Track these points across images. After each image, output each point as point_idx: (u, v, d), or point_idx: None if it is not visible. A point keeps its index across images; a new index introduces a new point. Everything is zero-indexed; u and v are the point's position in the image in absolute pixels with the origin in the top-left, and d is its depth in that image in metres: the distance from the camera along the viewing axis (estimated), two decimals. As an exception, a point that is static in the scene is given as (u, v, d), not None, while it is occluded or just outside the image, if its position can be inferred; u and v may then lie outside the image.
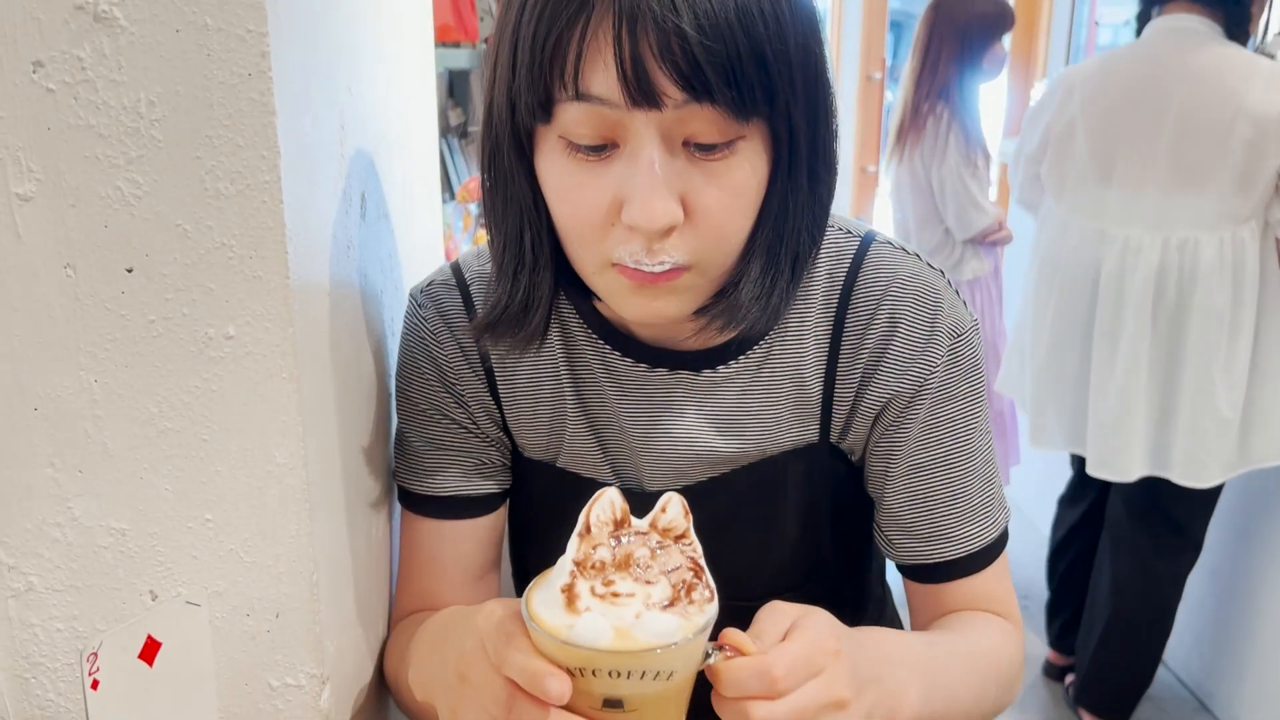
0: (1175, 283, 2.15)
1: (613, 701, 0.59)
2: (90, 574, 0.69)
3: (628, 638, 0.57)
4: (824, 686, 0.64)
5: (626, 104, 0.67)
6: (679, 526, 0.62)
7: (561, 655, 0.58)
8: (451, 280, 0.91)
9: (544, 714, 0.60)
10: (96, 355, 0.65)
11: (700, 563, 0.61)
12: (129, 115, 0.62)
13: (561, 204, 0.74)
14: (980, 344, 0.88)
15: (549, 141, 0.73)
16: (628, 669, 0.57)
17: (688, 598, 0.59)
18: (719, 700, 0.64)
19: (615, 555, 0.60)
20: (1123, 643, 2.49)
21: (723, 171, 0.71)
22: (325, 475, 0.75)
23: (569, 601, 0.58)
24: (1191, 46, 2.11)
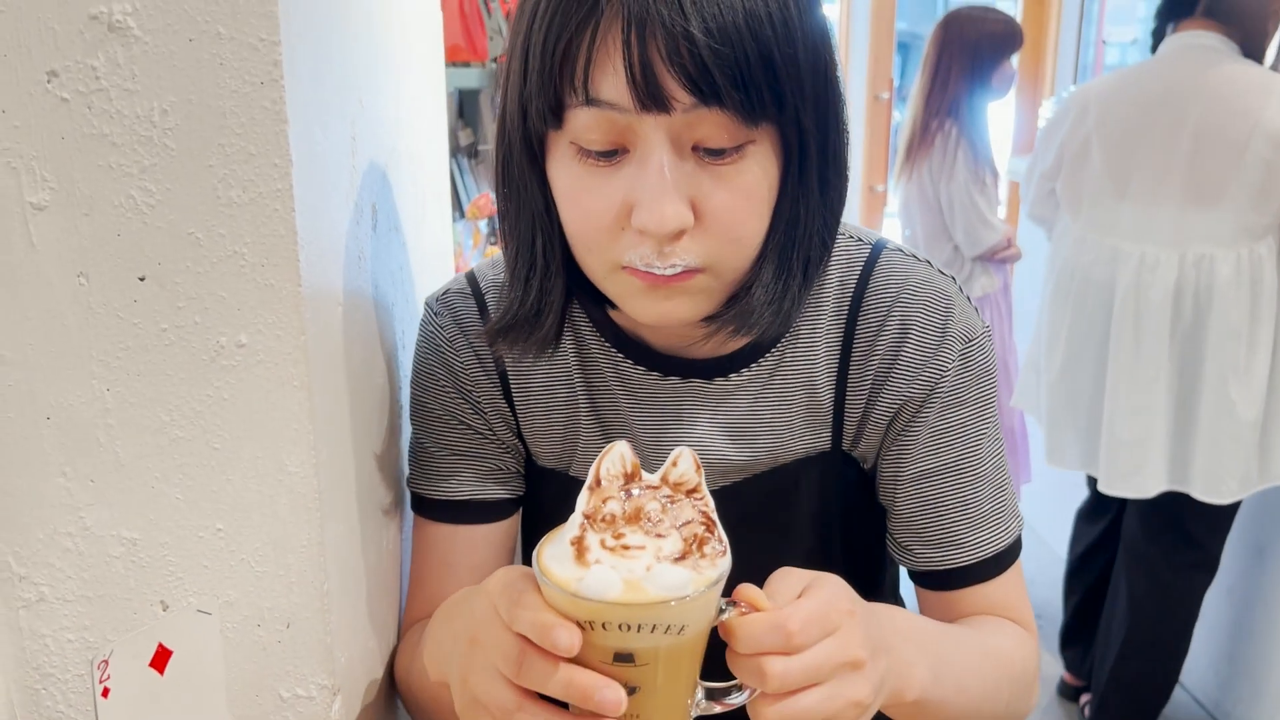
0: (1192, 299, 2.14)
1: (623, 656, 0.58)
2: (101, 584, 0.68)
3: (638, 590, 0.56)
4: (839, 645, 0.63)
5: (636, 108, 0.67)
6: (690, 481, 0.61)
7: (571, 608, 0.57)
8: (467, 289, 0.92)
9: (554, 668, 0.59)
10: (109, 364, 0.65)
11: (713, 517, 0.60)
12: (142, 124, 0.62)
13: (572, 208, 0.74)
14: (993, 351, 0.88)
15: (560, 147, 0.73)
16: (638, 622, 0.56)
17: (699, 551, 0.58)
18: (733, 657, 0.62)
19: (625, 509, 0.59)
20: (1139, 662, 2.46)
21: (732, 175, 0.71)
22: (336, 484, 0.75)
23: (578, 554, 0.57)
24: (1208, 63, 2.11)
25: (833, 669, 0.63)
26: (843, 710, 0.63)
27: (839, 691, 0.63)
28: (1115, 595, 2.51)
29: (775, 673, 0.61)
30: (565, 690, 0.59)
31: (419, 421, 0.92)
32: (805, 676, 0.62)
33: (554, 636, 0.57)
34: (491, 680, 0.62)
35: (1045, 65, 4.23)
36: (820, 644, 0.62)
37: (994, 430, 0.89)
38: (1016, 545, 0.90)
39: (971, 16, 3.03)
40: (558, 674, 0.59)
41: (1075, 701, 2.76)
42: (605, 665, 0.58)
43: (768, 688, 0.61)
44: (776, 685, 0.61)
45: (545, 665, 0.59)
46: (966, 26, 3.01)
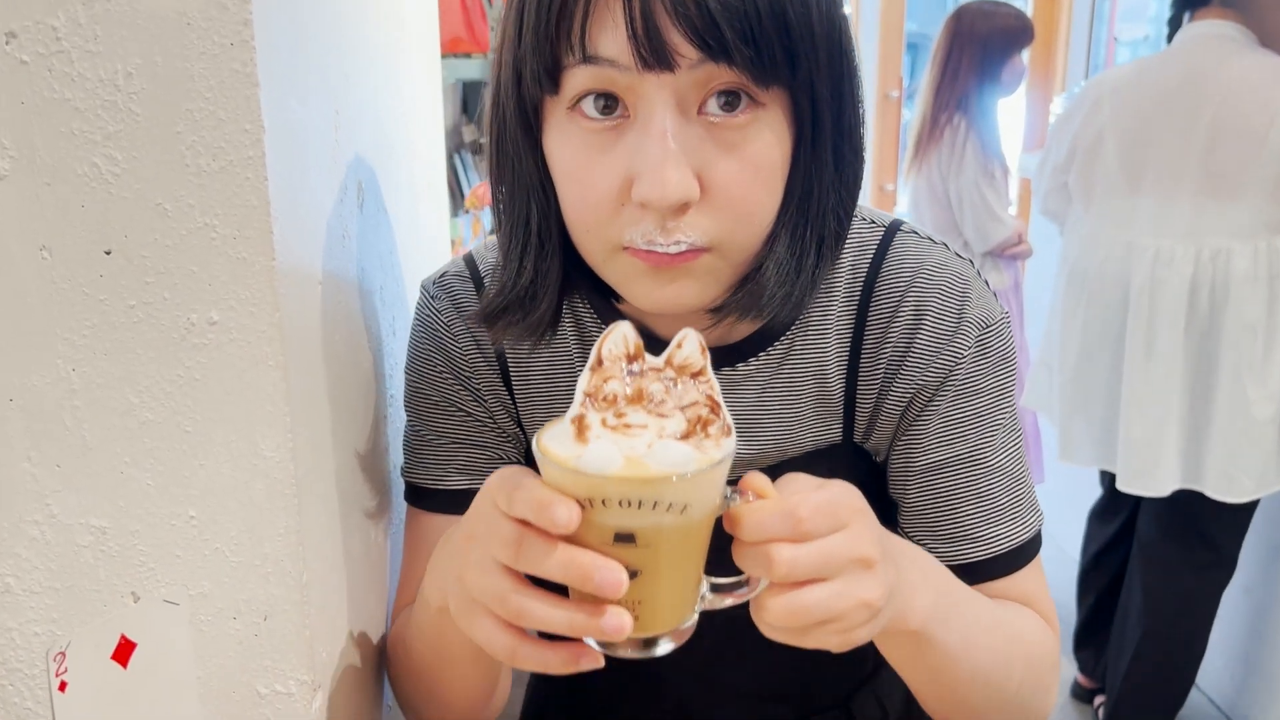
0: (1208, 294, 2.11)
1: (624, 536, 0.55)
2: (69, 574, 0.65)
3: (639, 465, 0.54)
4: (851, 539, 0.60)
5: (637, 65, 0.63)
6: (695, 363, 0.58)
7: (571, 485, 0.55)
8: (465, 272, 0.88)
9: (553, 548, 0.56)
10: (74, 343, 0.62)
11: (718, 399, 0.58)
12: (106, 88, 0.59)
13: (570, 183, 0.70)
14: (1011, 338, 0.84)
15: (557, 115, 0.69)
16: (638, 498, 0.54)
17: (703, 432, 0.56)
18: (739, 548, 0.59)
19: (628, 389, 0.57)
20: (1155, 663, 2.42)
21: (741, 143, 0.67)
22: (315, 469, 0.72)
23: (579, 432, 0.55)
24: (1226, 54, 2.08)
25: (843, 563, 0.60)
26: (852, 610, 0.60)
27: (849, 589, 0.60)
28: (1129, 596, 2.47)
29: (783, 559, 0.58)
30: (564, 571, 0.56)
31: (415, 409, 0.89)
32: (813, 567, 0.59)
33: (552, 511, 0.54)
34: (487, 571, 0.60)
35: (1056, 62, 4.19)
36: (831, 536, 0.59)
37: (1011, 421, 0.85)
38: (1036, 541, 0.85)
39: (982, 11, 3.00)
40: (556, 554, 0.56)
41: (1089, 704, 2.72)
42: (605, 547, 0.56)
43: (774, 575, 0.58)
44: (783, 573, 0.58)
45: (543, 546, 0.56)
46: (977, 20, 2.99)
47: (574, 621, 0.57)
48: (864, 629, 0.62)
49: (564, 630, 0.58)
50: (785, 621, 0.60)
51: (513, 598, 0.59)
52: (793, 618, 0.59)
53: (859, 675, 0.99)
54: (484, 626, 0.62)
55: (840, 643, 0.62)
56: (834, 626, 0.61)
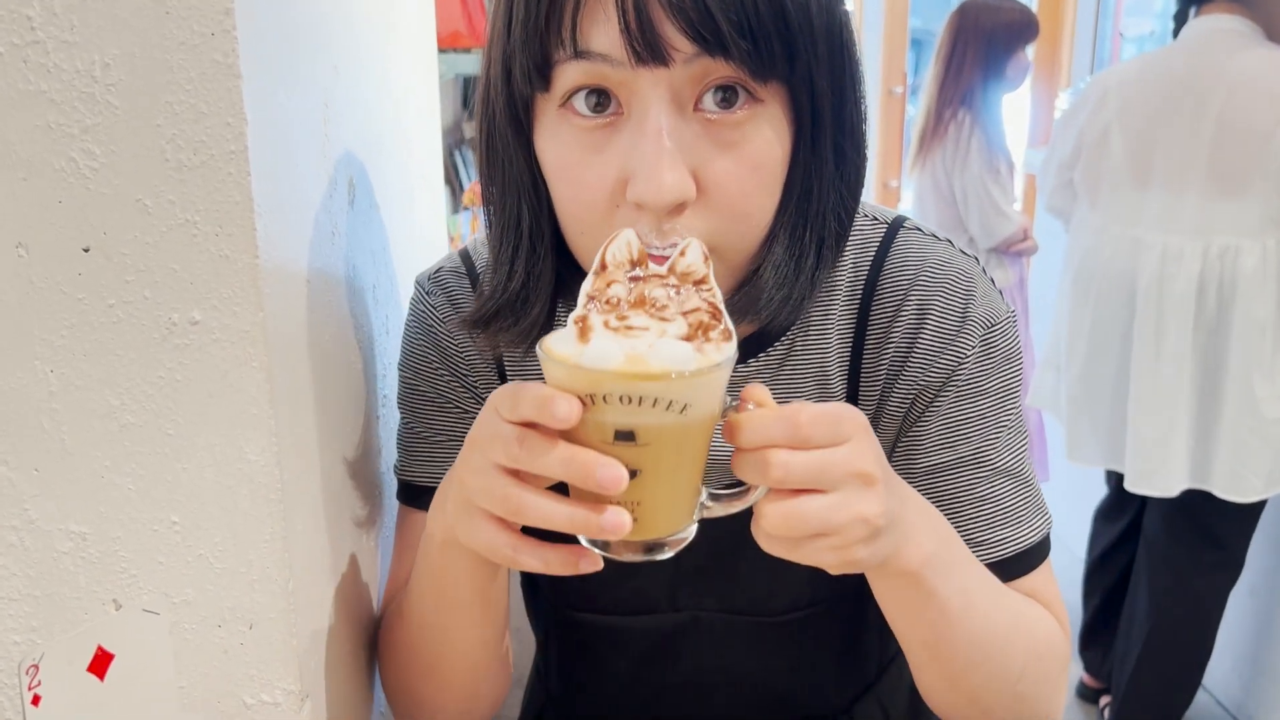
0: (1216, 291, 2.09)
1: (624, 434, 0.56)
2: (49, 581, 0.63)
3: (640, 363, 0.54)
4: (851, 454, 0.59)
5: (631, 61, 0.61)
6: (698, 271, 0.59)
7: (572, 381, 0.55)
8: (461, 268, 0.86)
9: (553, 446, 0.56)
10: (53, 343, 0.60)
11: (720, 307, 0.58)
12: (83, 79, 0.57)
13: (562, 184, 0.68)
14: (1017, 337, 0.82)
15: (548, 114, 0.67)
16: (639, 394, 0.54)
17: (704, 336, 0.56)
18: (738, 456, 0.59)
19: (631, 293, 0.57)
20: (1161, 664, 2.41)
21: (739, 141, 0.65)
22: (302, 473, 0.70)
23: (581, 333, 0.56)
24: (1232, 48, 2.06)
25: (842, 476, 0.59)
26: (850, 525, 0.59)
27: (847, 502, 0.59)
28: (1136, 596, 2.45)
29: (778, 462, 0.57)
30: (565, 467, 0.56)
31: (409, 405, 0.87)
32: (810, 473, 0.58)
33: (553, 405, 0.55)
34: (487, 473, 0.60)
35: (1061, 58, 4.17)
36: (831, 449, 0.59)
37: (1016, 422, 0.82)
38: (1045, 544, 0.83)
39: (987, 5, 2.98)
40: (557, 450, 0.56)
41: (1095, 704, 2.70)
42: (606, 445, 0.56)
43: (770, 479, 0.58)
44: (779, 476, 0.58)
45: (544, 444, 0.57)
46: (981, 15, 2.97)
47: (574, 517, 0.57)
48: (862, 548, 0.61)
49: (564, 526, 0.58)
50: (781, 529, 0.59)
51: (513, 494, 0.59)
52: (788, 525, 0.59)
53: (862, 682, 0.97)
54: (484, 529, 0.62)
55: (838, 561, 0.61)
56: (831, 541, 0.60)
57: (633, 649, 0.93)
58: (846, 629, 0.92)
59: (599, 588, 0.90)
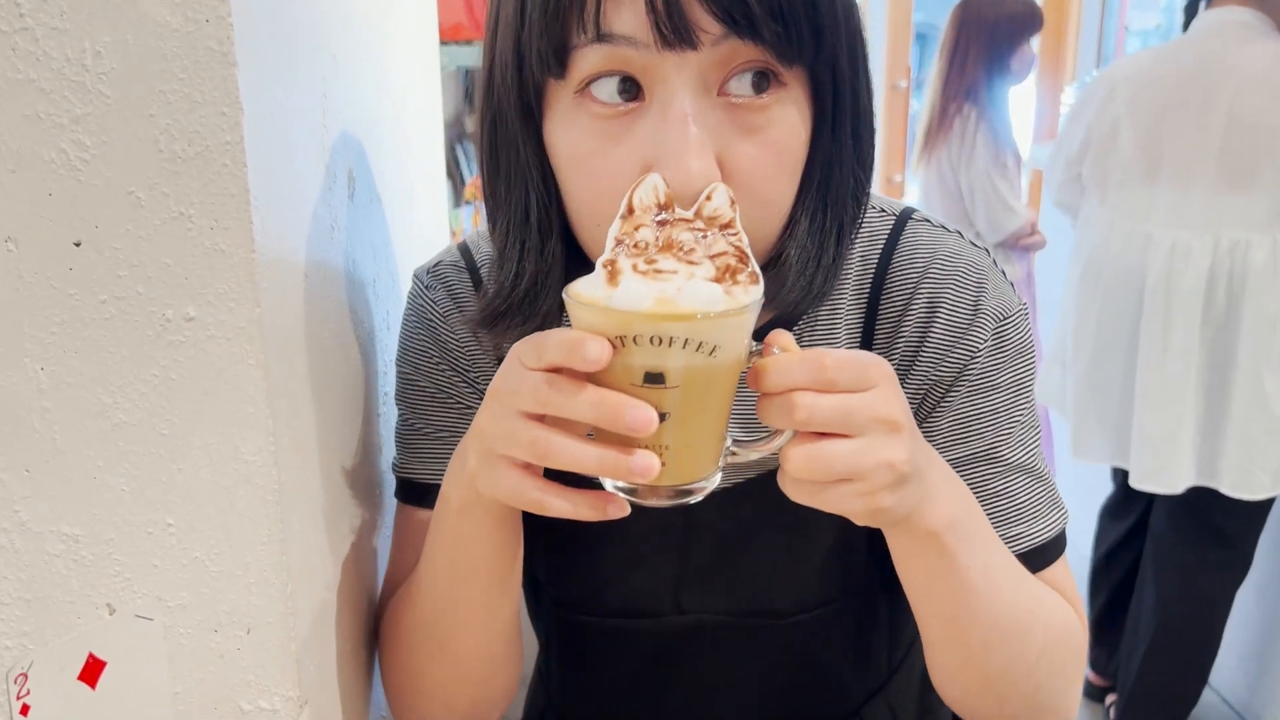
0: (1225, 286, 2.07)
1: (653, 376, 0.56)
2: (40, 585, 0.62)
3: (670, 304, 0.54)
4: (877, 399, 0.59)
5: (657, 44, 0.59)
6: (725, 215, 0.59)
7: (601, 323, 0.55)
8: (460, 262, 0.85)
9: (581, 390, 0.56)
10: (43, 340, 0.58)
11: (746, 251, 0.58)
12: (73, 68, 0.55)
13: (579, 175, 0.66)
14: (1029, 330, 0.80)
15: (562, 102, 0.65)
16: (669, 335, 0.54)
17: (732, 279, 0.56)
18: (764, 401, 0.59)
19: (658, 236, 0.57)
20: (1167, 662, 2.39)
21: (763, 126, 0.63)
22: (300, 474, 0.68)
23: (610, 276, 0.56)
24: (1243, 41, 2.04)
25: (867, 420, 0.58)
26: (876, 470, 0.59)
27: (872, 446, 0.59)
28: (1142, 594, 2.44)
29: (804, 404, 0.57)
30: (594, 411, 0.56)
31: (408, 401, 0.85)
32: (836, 416, 0.58)
33: (583, 348, 0.54)
34: (512, 419, 0.60)
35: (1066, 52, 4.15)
36: (857, 394, 0.58)
37: (1030, 416, 0.81)
38: (1060, 539, 0.82)
39: (990, -2, 2.96)
40: (585, 393, 0.56)
41: (1101, 702, 2.69)
42: (634, 388, 0.56)
43: (794, 420, 0.58)
44: (804, 418, 0.57)
45: (572, 387, 0.56)
46: (985, 8, 2.95)
47: (604, 459, 0.57)
48: (888, 494, 0.60)
49: (593, 468, 0.57)
50: (805, 472, 0.59)
51: (540, 436, 0.58)
52: (812, 468, 0.59)
53: (872, 685, 0.95)
54: (509, 477, 0.62)
55: (864, 508, 0.61)
56: (857, 486, 0.59)
57: (636, 653, 0.91)
58: (855, 631, 0.91)
59: (602, 589, 0.88)
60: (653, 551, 0.85)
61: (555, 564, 0.88)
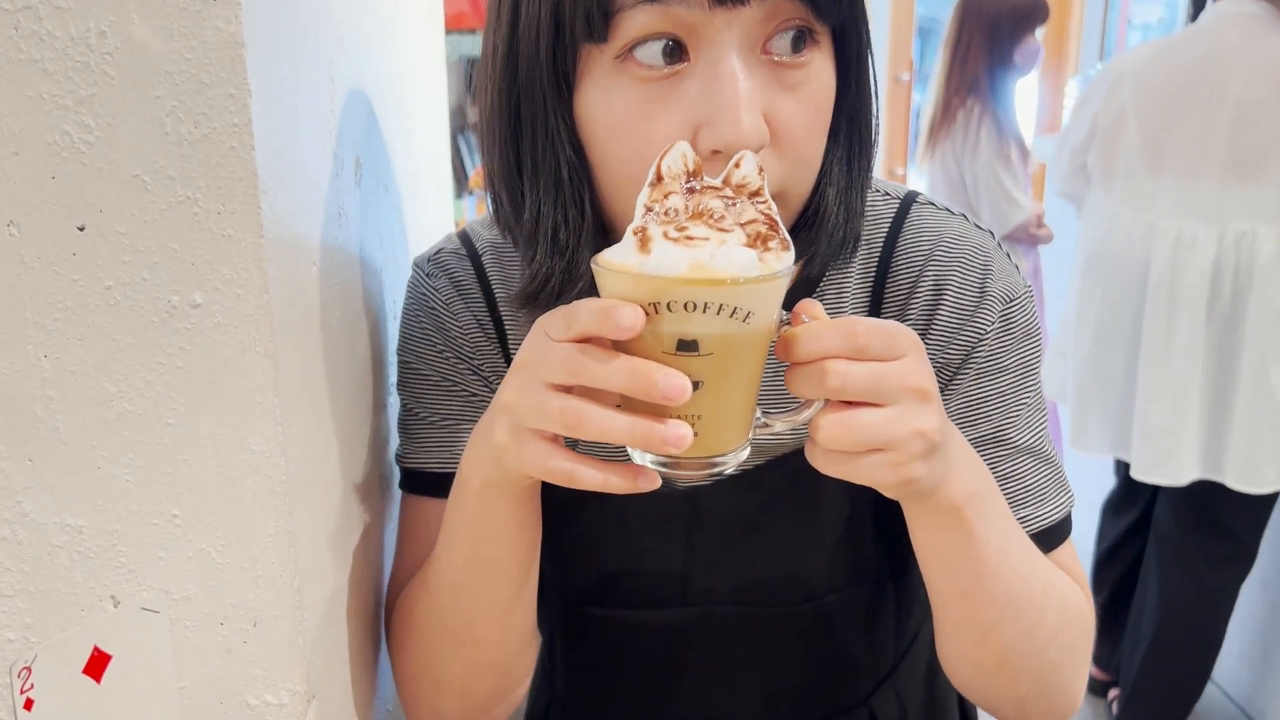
0: (1231, 278, 2.06)
1: (686, 343, 0.55)
2: (43, 577, 0.60)
3: (704, 269, 0.54)
4: (908, 367, 0.59)
5: (707, 1, 0.60)
6: (754, 183, 0.58)
7: (635, 290, 0.55)
8: (462, 250, 0.84)
9: (613, 357, 0.55)
10: (46, 327, 0.57)
11: (775, 218, 0.57)
12: (77, 48, 0.54)
13: (622, 140, 0.65)
14: (1035, 312, 0.81)
15: (600, 67, 0.64)
16: (704, 300, 0.54)
17: (764, 246, 0.55)
18: (794, 371, 0.59)
19: (688, 205, 0.56)
20: (1170, 658, 2.39)
21: (803, 82, 0.65)
22: (308, 464, 0.67)
23: (641, 243, 0.55)
24: (1252, 33, 2.03)
25: (898, 389, 0.58)
26: (907, 439, 0.58)
27: (904, 415, 0.58)
28: (1145, 589, 2.43)
29: (837, 371, 0.57)
30: (628, 379, 0.55)
31: (411, 390, 0.84)
32: (868, 384, 0.57)
33: (617, 314, 0.54)
34: (540, 391, 0.59)
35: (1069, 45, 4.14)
36: (888, 362, 0.58)
37: (1036, 399, 0.81)
38: (1067, 522, 0.82)
39: (992, -10, 2.94)
40: (618, 362, 0.55)
41: (1104, 697, 2.68)
42: (667, 356, 0.56)
43: (827, 388, 0.57)
44: (836, 386, 0.57)
45: (603, 355, 0.56)
46: (986, 1, 2.93)
47: (636, 428, 0.56)
48: (920, 464, 0.60)
49: (625, 438, 0.57)
50: (837, 441, 0.58)
51: (571, 406, 0.57)
52: (845, 436, 0.58)
53: (879, 673, 0.95)
54: (537, 450, 0.61)
55: (895, 479, 0.60)
56: (888, 456, 0.59)
57: (643, 645, 0.90)
58: (862, 619, 0.90)
59: (607, 580, 0.87)
60: (659, 542, 0.84)
61: (560, 555, 0.87)
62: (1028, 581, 0.73)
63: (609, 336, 0.55)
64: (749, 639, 0.88)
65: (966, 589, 0.71)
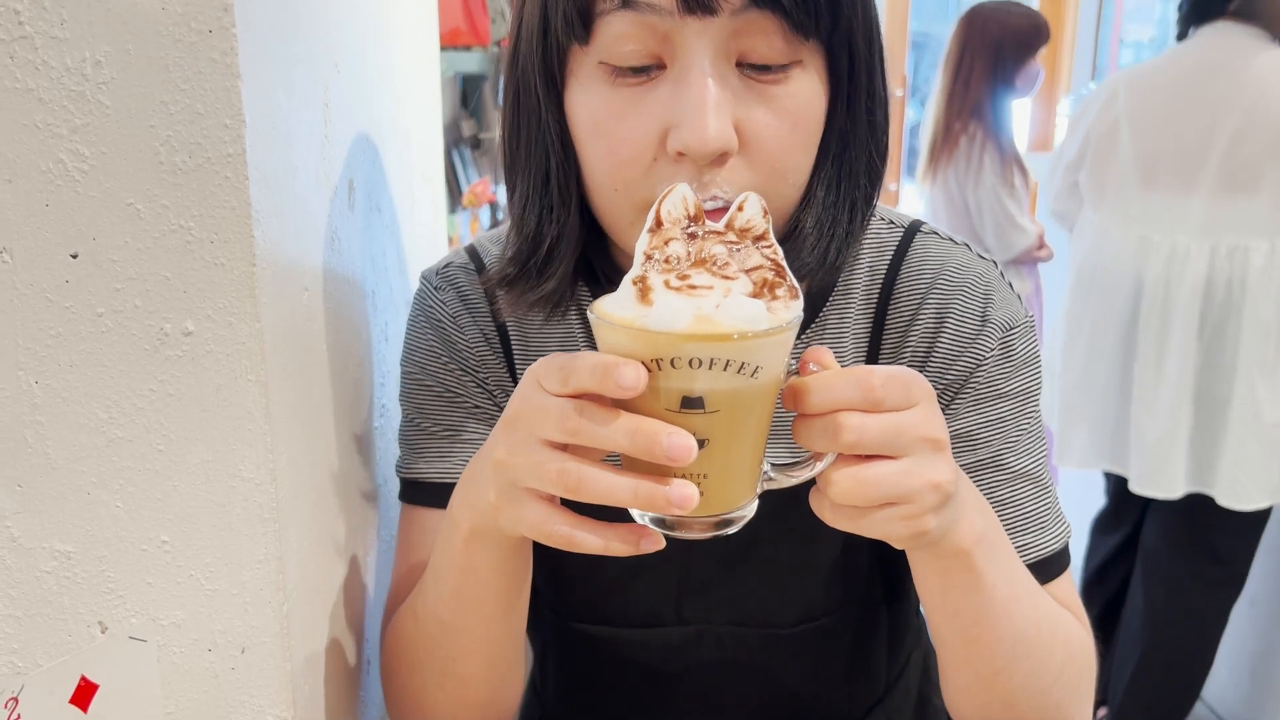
0: (1224, 292, 2.06)
1: (692, 400, 0.53)
2: (31, 602, 0.60)
3: (710, 322, 0.51)
4: (922, 417, 0.57)
5: (678, 10, 0.61)
6: (758, 227, 0.56)
7: (636, 346, 0.52)
8: (470, 264, 0.84)
9: (615, 418, 0.53)
10: (37, 353, 0.57)
11: (782, 264, 0.55)
12: (73, 77, 0.54)
13: (598, 139, 0.66)
14: (1035, 341, 0.81)
15: (584, 69, 0.66)
16: (710, 356, 0.51)
17: (771, 294, 0.53)
18: (803, 423, 0.56)
19: (690, 252, 0.54)
20: (1157, 678, 2.38)
21: (780, 96, 0.65)
22: (298, 491, 0.67)
23: (642, 294, 0.52)
24: (1244, 50, 2.04)
25: (913, 440, 0.56)
26: (922, 491, 0.57)
27: (919, 468, 0.57)
28: (1133, 609, 2.42)
29: (851, 425, 0.55)
30: (630, 439, 0.52)
31: (414, 401, 0.84)
32: (885, 437, 0.55)
33: (619, 373, 0.51)
34: (535, 450, 0.56)
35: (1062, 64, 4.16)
36: (902, 411, 0.56)
37: (1035, 426, 0.81)
38: (1065, 552, 0.81)
39: (994, 13, 2.93)
40: (620, 421, 0.53)
41: (1092, 715, 2.67)
42: (671, 414, 0.53)
43: (841, 442, 0.55)
44: (851, 440, 0.55)
45: (604, 414, 0.53)
46: (989, 23, 2.92)
47: (639, 490, 0.54)
48: (933, 517, 0.59)
49: (628, 500, 0.54)
50: (851, 497, 0.57)
51: (571, 468, 0.55)
52: (859, 492, 0.56)
53: (871, 696, 0.94)
54: (534, 510, 0.59)
55: (907, 531, 0.59)
56: (902, 510, 0.57)
57: (636, 664, 0.90)
58: (857, 641, 0.90)
59: (602, 598, 0.87)
60: (654, 561, 0.84)
61: (555, 573, 0.87)
62: (1034, 622, 0.72)
63: (609, 395, 0.53)
64: (742, 660, 0.88)
65: (973, 632, 0.70)
